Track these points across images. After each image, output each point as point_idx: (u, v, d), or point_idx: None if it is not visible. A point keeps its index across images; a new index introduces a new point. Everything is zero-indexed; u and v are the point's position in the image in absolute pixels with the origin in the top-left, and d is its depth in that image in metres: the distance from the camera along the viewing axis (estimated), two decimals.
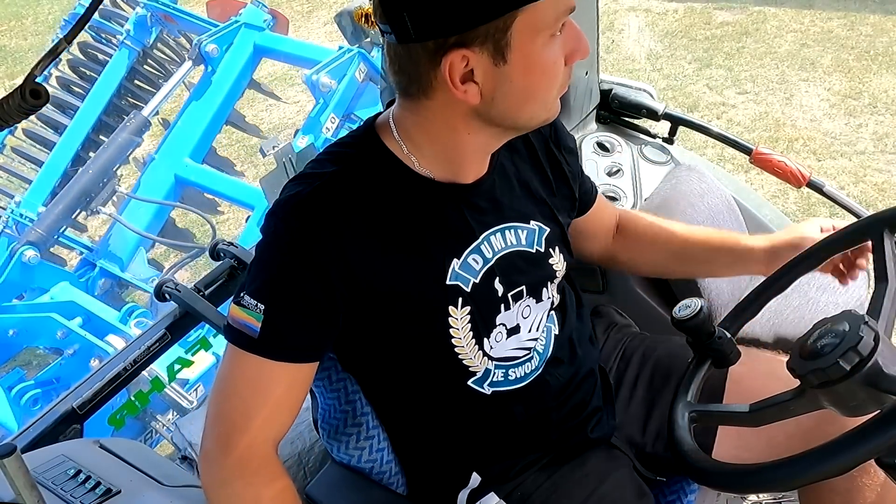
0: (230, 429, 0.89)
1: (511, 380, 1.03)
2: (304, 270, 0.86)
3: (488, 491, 1.08)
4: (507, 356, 1.01)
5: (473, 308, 0.95)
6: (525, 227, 1.01)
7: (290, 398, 0.91)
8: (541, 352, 1.06)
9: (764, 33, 5.03)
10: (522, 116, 0.87)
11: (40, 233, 3.00)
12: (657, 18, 5.47)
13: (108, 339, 2.72)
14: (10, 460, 0.64)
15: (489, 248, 0.96)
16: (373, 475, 1.12)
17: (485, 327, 0.98)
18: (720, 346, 0.95)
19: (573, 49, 0.85)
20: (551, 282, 1.05)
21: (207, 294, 1.50)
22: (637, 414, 1.19)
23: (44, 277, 3.11)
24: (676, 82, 4.67)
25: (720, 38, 5.08)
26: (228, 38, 3.31)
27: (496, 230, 0.97)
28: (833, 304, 1.73)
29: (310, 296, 0.87)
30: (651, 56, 5.01)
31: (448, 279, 0.92)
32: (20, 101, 0.58)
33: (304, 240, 0.86)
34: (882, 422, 0.62)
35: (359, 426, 1.10)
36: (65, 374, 2.76)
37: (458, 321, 0.94)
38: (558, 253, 1.05)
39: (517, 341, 1.02)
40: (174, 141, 3.28)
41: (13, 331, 2.84)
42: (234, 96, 3.40)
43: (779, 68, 4.63)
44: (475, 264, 0.95)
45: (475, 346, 0.97)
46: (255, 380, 0.88)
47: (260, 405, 0.89)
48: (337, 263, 0.86)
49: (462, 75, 0.81)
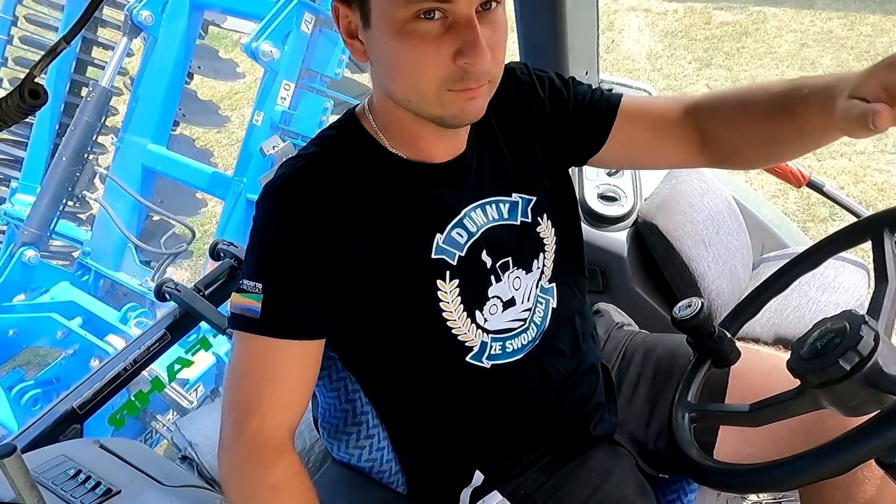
0: (242, 412, 0.89)
1: (509, 352, 1.03)
2: (294, 247, 0.89)
3: (491, 489, 1.07)
4: (502, 328, 1.02)
5: (462, 281, 0.96)
6: (507, 199, 1.00)
7: (298, 379, 0.92)
8: (538, 323, 1.05)
9: (764, 33, 5.03)
10: (399, 96, 0.86)
11: (33, 231, 2.99)
12: (657, 18, 5.47)
13: (108, 339, 2.73)
14: (10, 460, 0.64)
15: (472, 223, 0.97)
16: (373, 474, 1.12)
17: (476, 300, 0.98)
18: (720, 345, 0.95)
19: (459, 50, 0.79)
20: (542, 252, 1.04)
21: (207, 294, 1.50)
22: (639, 412, 1.19)
23: (44, 277, 3.12)
24: (676, 82, 4.67)
25: (720, 38, 5.08)
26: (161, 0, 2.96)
27: (476, 206, 0.98)
28: (833, 304, 1.73)
29: (302, 272, 0.89)
30: (651, 56, 5.02)
31: (433, 253, 0.94)
32: (19, 101, 0.58)
33: (291, 217, 0.89)
34: (881, 422, 0.62)
35: (359, 425, 1.10)
36: (65, 374, 2.76)
37: (448, 294, 0.96)
38: (546, 220, 1.04)
39: (514, 313, 1.02)
40: (132, 129, 3.09)
41: (13, 331, 2.84)
42: (182, 64, 3.07)
43: (779, 68, 4.63)
44: (459, 238, 0.96)
45: (467, 319, 0.98)
46: (261, 361, 0.90)
47: (269, 387, 0.89)
48: (325, 239, 0.89)
49: (347, 30, 0.87)
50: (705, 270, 1.67)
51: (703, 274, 1.67)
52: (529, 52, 1.62)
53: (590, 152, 1.07)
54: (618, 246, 1.70)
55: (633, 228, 1.73)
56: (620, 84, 1.87)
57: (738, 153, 1.00)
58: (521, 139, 1.03)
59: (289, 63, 2.75)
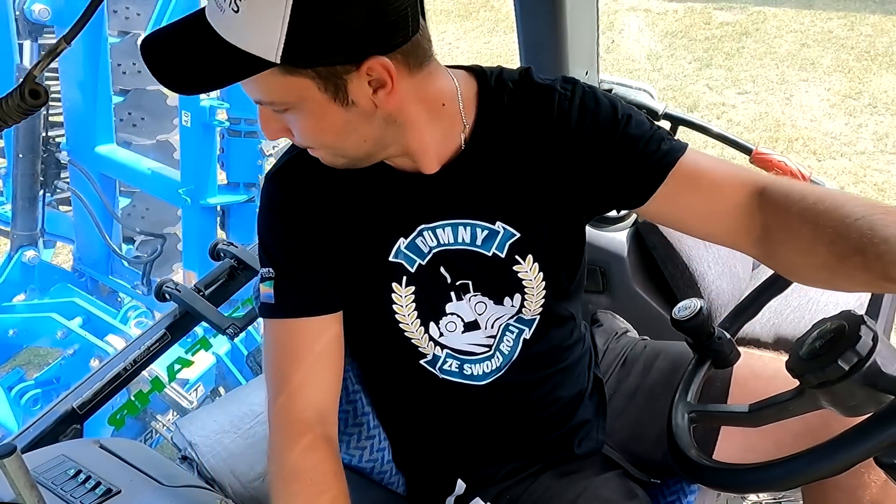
0: (273, 395, 0.93)
1: (467, 374, 1.02)
2: (287, 231, 0.94)
3: (473, 496, 1.08)
4: (462, 349, 1.01)
5: (418, 289, 0.96)
6: (486, 226, 0.94)
7: (320, 356, 0.93)
8: (505, 353, 1.02)
9: (764, 33, 5.04)
10: None
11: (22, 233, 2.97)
12: (657, 18, 5.48)
13: (108, 338, 2.72)
14: (10, 460, 0.64)
15: (434, 238, 0.95)
16: (373, 475, 1.12)
17: (432, 312, 0.98)
18: (720, 346, 0.95)
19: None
20: (520, 292, 0.97)
21: (207, 294, 1.50)
22: (633, 422, 1.16)
23: (44, 278, 3.11)
24: (676, 82, 4.67)
25: (720, 38, 5.08)
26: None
27: (447, 223, 0.94)
28: (833, 303, 1.73)
29: (298, 254, 0.94)
30: (651, 56, 5.02)
31: (391, 256, 0.95)
32: (19, 101, 0.58)
33: (282, 203, 0.94)
34: (879, 421, 0.62)
35: (360, 426, 1.10)
36: (64, 375, 2.76)
37: (402, 299, 0.97)
38: (531, 262, 0.96)
39: (476, 337, 1.00)
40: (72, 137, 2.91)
41: (13, 331, 2.84)
42: (99, 51, 2.78)
43: (779, 68, 4.64)
44: (423, 247, 0.95)
45: (421, 328, 0.99)
46: (283, 343, 0.94)
47: (292, 367, 0.92)
48: (311, 223, 0.93)
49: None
50: (705, 270, 1.67)
51: (703, 274, 1.67)
52: (529, 52, 1.62)
53: (620, 207, 0.97)
54: (618, 246, 1.70)
55: (633, 228, 1.73)
56: (620, 84, 1.87)
57: (796, 271, 0.85)
58: (529, 169, 0.93)
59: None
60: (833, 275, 0.77)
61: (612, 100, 0.93)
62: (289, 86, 0.77)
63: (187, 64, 0.77)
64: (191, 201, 2.75)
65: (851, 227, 0.72)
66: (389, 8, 0.74)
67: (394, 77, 0.78)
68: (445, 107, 0.89)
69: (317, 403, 0.92)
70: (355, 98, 0.79)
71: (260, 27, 0.72)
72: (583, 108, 0.91)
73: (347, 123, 0.82)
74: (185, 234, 2.97)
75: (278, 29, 0.71)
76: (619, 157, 0.91)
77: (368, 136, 0.84)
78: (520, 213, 0.94)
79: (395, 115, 0.84)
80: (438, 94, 0.88)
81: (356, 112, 0.81)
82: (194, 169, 2.74)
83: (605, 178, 0.92)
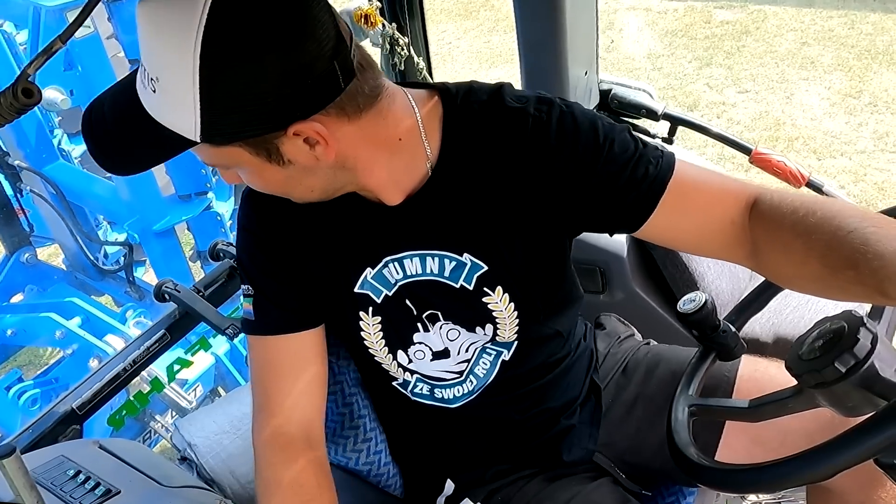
0: (256, 411, 0.93)
1: (439, 398, 1.03)
2: (260, 249, 0.94)
3: (463, 497, 1.08)
4: (431, 375, 1.01)
5: (384, 319, 0.96)
6: (454, 258, 0.91)
7: (303, 371, 0.94)
8: (480, 376, 1.01)
9: (764, 32, 5.03)
10: None
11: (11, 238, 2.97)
12: (657, 17, 5.47)
13: (107, 338, 2.72)
14: (9, 461, 0.64)
15: (399, 270, 0.93)
16: (370, 477, 1.12)
17: (399, 341, 0.98)
18: (724, 339, 0.95)
19: None
20: (491, 323, 0.95)
21: (207, 294, 1.50)
22: (632, 432, 1.14)
23: (41, 277, 3.11)
24: (676, 81, 4.67)
25: (720, 36, 5.07)
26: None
27: (413, 254, 0.92)
28: (833, 303, 1.72)
29: (271, 272, 0.94)
30: (651, 55, 5.01)
31: (356, 287, 0.94)
32: (12, 100, 0.57)
33: (254, 222, 0.94)
34: (877, 422, 0.62)
35: (356, 428, 1.10)
36: (63, 374, 2.76)
37: (370, 327, 0.97)
38: (501, 293, 0.92)
39: (445, 365, 1.00)
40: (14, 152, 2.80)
41: (12, 331, 2.84)
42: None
43: (779, 67, 4.63)
44: (390, 278, 0.94)
45: (389, 355, 0.99)
46: (266, 360, 0.94)
47: (274, 385, 0.92)
48: (282, 244, 0.93)
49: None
50: (705, 270, 1.67)
51: (703, 274, 1.67)
52: (529, 52, 1.62)
53: (610, 232, 0.93)
54: (617, 246, 1.70)
55: None
56: (620, 84, 1.87)
57: (789, 282, 0.84)
58: (500, 198, 0.89)
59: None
60: (827, 286, 0.76)
61: (591, 120, 0.87)
62: (221, 154, 0.76)
63: (124, 143, 0.77)
64: (140, 234, 2.71)
65: (843, 241, 0.71)
66: (307, 73, 0.69)
67: (325, 135, 0.75)
68: (402, 140, 0.84)
69: (300, 419, 0.92)
70: (292, 157, 0.77)
71: (176, 109, 0.70)
72: (561, 132, 0.86)
73: (289, 179, 0.80)
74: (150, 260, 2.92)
75: (192, 111, 0.68)
76: (605, 185, 0.86)
77: (315, 185, 0.82)
78: (488, 244, 0.91)
79: (342, 162, 0.80)
80: (391, 130, 0.83)
81: (296, 168, 0.78)
82: (134, 199, 2.68)
83: (590, 205, 0.88)
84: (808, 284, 0.79)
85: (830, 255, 0.73)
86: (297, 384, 0.93)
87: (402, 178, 0.87)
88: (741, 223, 0.85)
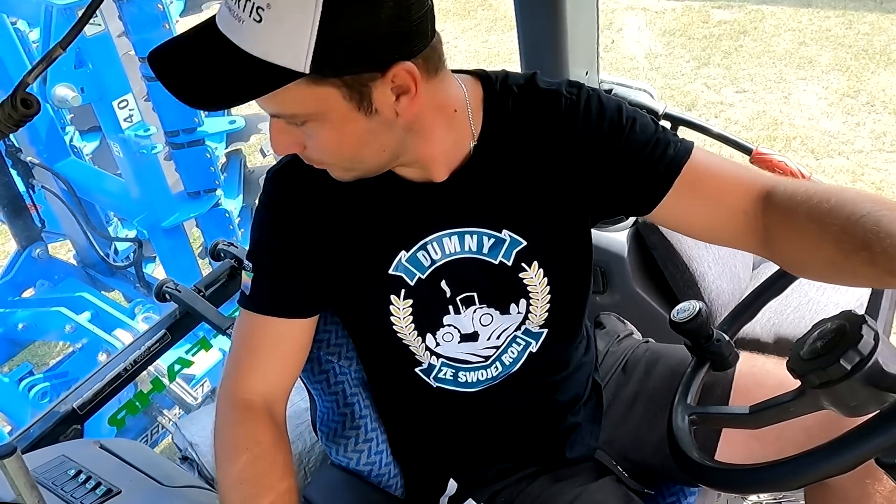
0: (224, 378, 0.95)
1: (461, 382, 1.03)
2: (279, 232, 0.94)
3: (466, 497, 1.08)
4: (458, 358, 1.01)
5: (416, 302, 0.96)
6: (493, 234, 0.94)
7: (278, 353, 0.95)
8: (506, 363, 1.03)
9: (762, 32, 5.04)
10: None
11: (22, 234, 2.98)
12: (655, 17, 5.48)
13: (115, 333, 2.73)
14: (10, 460, 0.64)
15: (438, 250, 0.94)
16: (371, 478, 1.12)
17: (429, 324, 0.98)
18: (718, 348, 0.95)
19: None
20: (525, 298, 0.97)
21: (208, 294, 1.50)
22: (633, 430, 1.15)
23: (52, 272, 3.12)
24: (675, 81, 4.67)
25: (718, 36, 5.08)
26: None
27: (453, 232, 0.93)
28: (833, 304, 1.73)
29: (284, 256, 0.94)
30: (650, 55, 5.02)
31: (391, 269, 0.94)
32: (10, 111, 0.56)
33: (278, 203, 0.94)
34: (881, 421, 0.62)
35: (357, 428, 1.10)
36: (73, 369, 2.77)
37: (400, 311, 0.97)
38: (536, 268, 0.96)
39: (473, 348, 1.00)
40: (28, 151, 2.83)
41: (22, 325, 2.85)
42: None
43: (777, 67, 4.64)
44: (424, 260, 0.94)
45: (418, 338, 0.99)
46: (247, 333, 0.96)
47: (248, 356, 0.95)
48: (305, 227, 0.93)
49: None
50: (705, 271, 1.68)
51: (704, 274, 1.67)
52: (529, 52, 1.62)
53: (627, 213, 0.97)
54: (618, 246, 1.70)
55: (634, 228, 1.73)
56: (620, 84, 1.87)
57: (801, 268, 0.86)
58: (535, 176, 0.93)
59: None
60: (840, 271, 0.77)
61: (617, 103, 0.92)
62: (313, 96, 0.75)
63: (206, 78, 0.74)
64: (149, 231, 2.73)
65: (857, 224, 0.73)
66: (412, 13, 0.73)
67: (418, 82, 0.77)
68: (457, 113, 0.89)
69: (262, 390, 0.94)
70: (379, 106, 0.78)
71: (287, 37, 0.69)
72: (587, 113, 0.91)
73: (368, 133, 0.80)
74: (159, 256, 2.95)
75: (307, 37, 0.69)
76: (625, 163, 0.90)
77: (388, 145, 0.83)
78: (525, 221, 0.94)
79: (414, 123, 0.82)
80: (451, 100, 0.88)
81: (378, 121, 0.79)
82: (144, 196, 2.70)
83: (610, 184, 0.92)
84: (822, 270, 0.81)
85: (845, 239, 0.74)
86: (270, 362, 0.95)
87: (450, 153, 0.90)
88: (754, 212, 0.87)
